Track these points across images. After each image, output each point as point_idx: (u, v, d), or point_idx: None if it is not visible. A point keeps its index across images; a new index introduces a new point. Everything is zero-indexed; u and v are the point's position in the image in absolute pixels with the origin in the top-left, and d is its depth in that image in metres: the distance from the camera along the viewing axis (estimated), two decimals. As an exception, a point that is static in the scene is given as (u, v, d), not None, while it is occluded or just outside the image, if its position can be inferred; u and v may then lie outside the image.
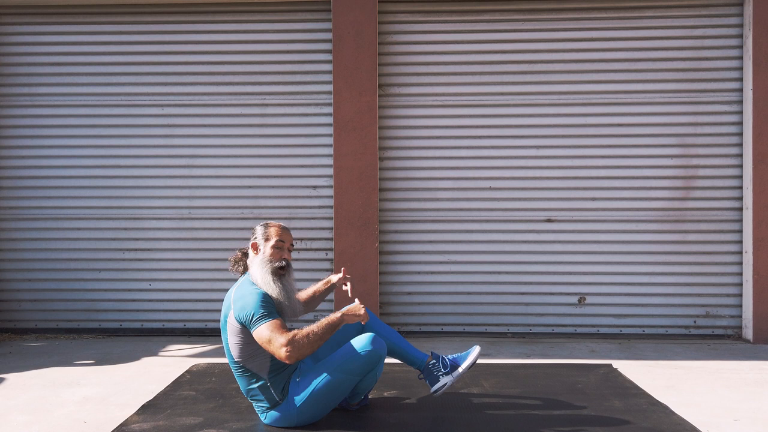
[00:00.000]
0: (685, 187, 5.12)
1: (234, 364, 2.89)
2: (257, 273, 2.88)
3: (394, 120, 5.19)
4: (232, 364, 2.90)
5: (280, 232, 2.94)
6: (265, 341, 2.69)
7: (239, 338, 2.82)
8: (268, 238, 2.93)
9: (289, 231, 3.00)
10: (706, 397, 3.46)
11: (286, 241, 2.95)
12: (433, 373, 3.14)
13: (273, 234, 2.93)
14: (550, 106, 5.15)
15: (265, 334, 2.69)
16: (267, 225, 2.98)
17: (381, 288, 5.18)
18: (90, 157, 5.27)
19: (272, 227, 2.96)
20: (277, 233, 2.93)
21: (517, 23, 5.16)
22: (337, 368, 2.83)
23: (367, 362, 2.84)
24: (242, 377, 2.89)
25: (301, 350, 2.66)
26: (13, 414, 3.21)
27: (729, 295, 5.08)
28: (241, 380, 2.91)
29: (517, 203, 5.17)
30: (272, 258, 2.88)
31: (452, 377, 3.13)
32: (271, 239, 2.92)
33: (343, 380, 2.84)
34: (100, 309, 5.27)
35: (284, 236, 2.95)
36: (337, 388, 2.85)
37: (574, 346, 4.76)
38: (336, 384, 2.84)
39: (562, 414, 3.13)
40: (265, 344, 2.70)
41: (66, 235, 5.28)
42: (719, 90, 5.08)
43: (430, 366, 3.16)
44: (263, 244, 2.93)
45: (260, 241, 2.94)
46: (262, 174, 5.25)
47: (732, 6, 5.06)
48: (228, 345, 2.88)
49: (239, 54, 5.24)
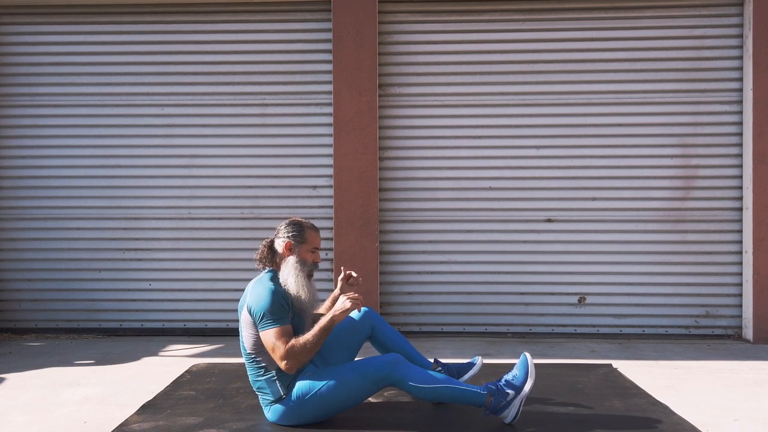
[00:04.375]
0: (685, 187, 5.11)
1: (246, 354, 2.94)
2: (290, 273, 2.92)
3: (394, 120, 5.19)
4: (245, 354, 2.95)
5: (318, 239, 3.01)
6: (269, 348, 2.79)
7: (251, 331, 2.88)
8: (306, 241, 2.97)
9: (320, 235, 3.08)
10: (706, 397, 3.46)
11: (319, 246, 3.02)
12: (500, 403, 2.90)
13: (311, 239, 2.98)
14: (550, 106, 5.15)
15: (270, 340, 2.78)
16: (303, 227, 2.99)
17: (381, 288, 5.18)
18: (90, 157, 5.27)
19: (310, 230, 2.99)
20: (315, 239, 2.99)
21: (517, 23, 5.16)
22: (352, 369, 2.87)
23: (379, 369, 2.84)
24: (252, 368, 2.94)
25: (299, 360, 2.77)
26: (13, 414, 3.21)
27: (729, 295, 5.08)
28: (250, 370, 2.95)
29: (517, 203, 5.17)
30: (308, 262, 2.95)
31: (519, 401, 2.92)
32: (310, 243, 2.97)
33: (352, 383, 2.84)
34: (100, 309, 5.27)
35: (319, 242, 3.02)
36: (347, 391, 2.85)
37: (574, 346, 4.76)
38: (344, 388, 2.85)
39: (562, 414, 3.13)
40: (269, 350, 2.81)
41: (66, 235, 5.28)
42: (719, 90, 5.08)
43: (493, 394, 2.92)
44: (298, 245, 2.96)
45: (296, 242, 2.96)
46: (262, 174, 5.24)
47: (732, 6, 5.06)
48: (242, 337, 2.94)
49: (239, 54, 5.24)
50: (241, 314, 2.92)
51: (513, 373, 2.94)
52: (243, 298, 2.94)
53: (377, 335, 3.25)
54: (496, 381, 2.96)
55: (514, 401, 2.88)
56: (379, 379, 2.84)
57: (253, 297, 2.84)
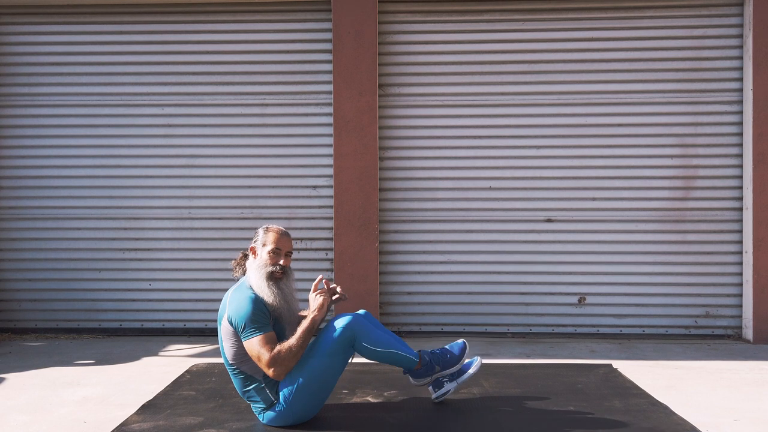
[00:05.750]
0: (685, 187, 5.12)
1: (229, 366, 2.91)
2: (253, 277, 2.89)
3: (394, 120, 5.19)
4: (228, 365, 2.92)
5: (278, 239, 2.91)
6: (255, 357, 2.78)
7: (232, 342, 2.85)
8: (266, 243, 2.92)
9: (288, 237, 2.96)
10: (706, 397, 3.46)
11: (283, 247, 2.92)
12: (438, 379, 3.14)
13: (270, 240, 2.92)
14: (550, 106, 5.15)
15: (254, 349, 2.76)
16: (267, 229, 2.96)
17: (381, 288, 5.18)
18: (90, 157, 5.27)
19: (271, 232, 2.94)
20: (274, 240, 2.91)
21: (517, 23, 5.16)
22: (315, 355, 2.85)
23: (342, 338, 2.84)
24: (237, 379, 2.92)
25: (286, 365, 2.77)
26: (13, 414, 3.21)
27: (729, 295, 5.08)
28: (236, 381, 2.93)
29: (517, 203, 5.17)
30: (267, 263, 2.88)
31: (456, 383, 3.16)
32: (268, 245, 2.91)
33: (325, 365, 2.84)
34: (100, 309, 5.27)
35: (281, 243, 2.92)
36: (321, 375, 2.85)
37: (574, 346, 4.76)
38: (319, 371, 2.84)
39: (562, 414, 3.13)
40: (254, 358, 2.79)
41: (66, 235, 5.28)
42: (719, 90, 5.08)
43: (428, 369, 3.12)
44: (260, 248, 2.93)
45: (258, 245, 2.94)
46: (262, 174, 5.24)
47: (732, 6, 5.06)
48: (223, 347, 2.91)
49: (239, 54, 5.24)
50: (221, 325, 2.87)
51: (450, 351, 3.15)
52: (222, 308, 2.89)
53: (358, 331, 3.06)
54: (433, 350, 3.16)
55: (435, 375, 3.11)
56: (344, 347, 2.86)
57: (233, 307, 2.80)
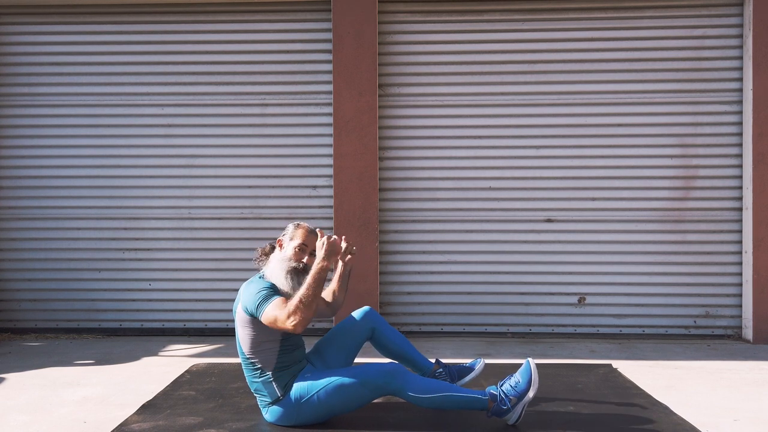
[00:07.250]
0: (685, 187, 5.11)
1: (243, 356, 2.95)
2: (274, 268, 2.94)
3: (394, 120, 5.19)
4: (242, 357, 2.96)
5: (306, 236, 2.97)
6: (272, 322, 2.72)
7: (247, 329, 2.88)
8: (294, 237, 2.98)
9: (315, 236, 2.99)
10: (706, 397, 3.46)
11: (309, 245, 2.97)
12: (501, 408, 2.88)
13: (299, 236, 2.97)
14: (550, 106, 5.15)
15: (271, 315, 2.72)
16: (297, 226, 3.02)
17: (381, 288, 5.18)
18: (90, 157, 5.27)
19: (300, 229, 2.99)
20: (302, 236, 2.97)
21: (517, 23, 5.16)
22: (346, 376, 2.85)
23: (378, 377, 2.82)
24: (249, 370, 2.95)
25: (304, 315, 2.68)
26: (13, 414, 3.21)
27: (729, 295, 5.08)
28: (247, 372, 2.96)
29: (517, 203, 5.17)
30: (291, 258, 2.93)
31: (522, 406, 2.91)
32: (295, 239, 2.97)
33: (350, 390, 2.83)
34: (100, 309, 5.27)
35: (308, 240, 2.97)
36: (342, 398, 2.85)
37: (574, 346, 4.76)
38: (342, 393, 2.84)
39: (562, 414, 3.13)
40: (273, 325, 2.73)
41: (66, 235, 5.28)
42: (719, 90, 5.08)
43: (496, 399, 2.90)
44: (287, 242, 2.98)
45: (286, 239, 2.99)
46: (262, 174, 5.24)
47: (732, 6, 5.06)
48: (238, 338, 2.94)
49: (239, 54, 5.24)
50: (236, 315, 2.93)
51: (516, 379, 2.90)
52: (237, 300, 2.95)
53: (377, 336, 3.25)
54: (499, 384, 2.93)
55: (516, 406, 2.87)
56: (378, 387, 2.83)
57: (246, 295, 2.85)
